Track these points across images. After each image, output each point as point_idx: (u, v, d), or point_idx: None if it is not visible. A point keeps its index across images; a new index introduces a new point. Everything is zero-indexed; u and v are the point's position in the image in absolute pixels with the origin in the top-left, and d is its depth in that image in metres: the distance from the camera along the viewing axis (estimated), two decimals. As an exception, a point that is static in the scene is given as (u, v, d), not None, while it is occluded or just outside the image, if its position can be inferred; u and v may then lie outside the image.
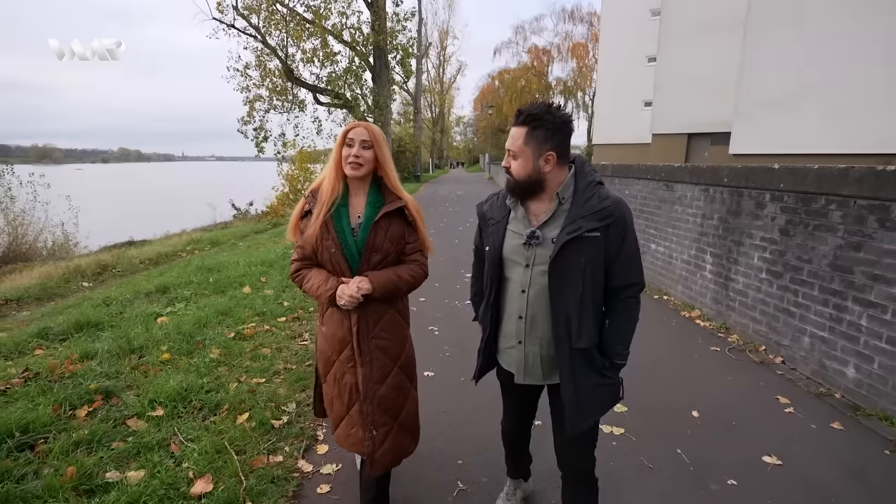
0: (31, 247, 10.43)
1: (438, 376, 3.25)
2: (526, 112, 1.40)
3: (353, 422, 1.72)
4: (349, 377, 1.70)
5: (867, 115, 8.79)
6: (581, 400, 1.45)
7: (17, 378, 2.98)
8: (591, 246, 1.38)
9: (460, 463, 2.31)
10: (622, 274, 1.45)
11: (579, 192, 1.42)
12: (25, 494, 1.92)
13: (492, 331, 1.61)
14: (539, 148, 1.39)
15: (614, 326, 1.49)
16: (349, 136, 1.64)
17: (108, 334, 3.72)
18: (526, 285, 1.48)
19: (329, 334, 1.73)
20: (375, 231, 1.65)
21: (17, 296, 5.58)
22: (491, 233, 1.55)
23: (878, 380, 2.76)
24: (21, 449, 2.24)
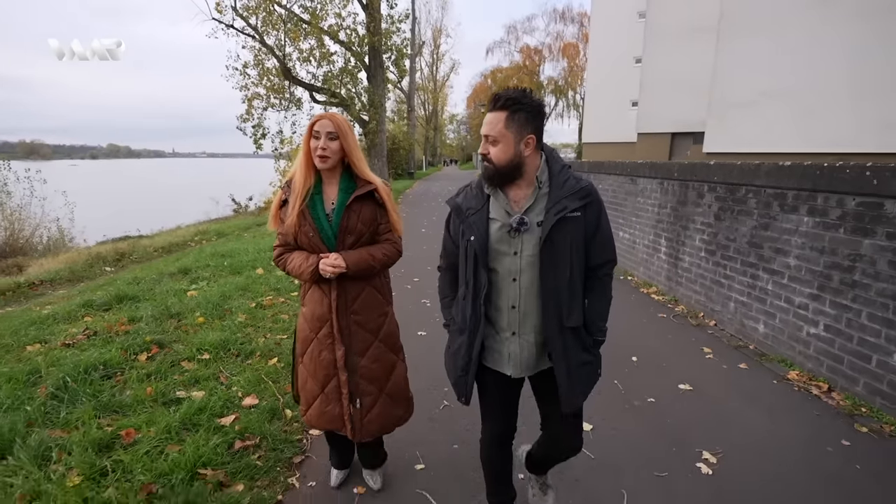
0: (28, 242, 10.59)
1: (429, 335, 3.92)
2: (505, 96, 1.39)
3: (329, 399, 1.79)
4: (326, 354, 1.77)
5: (831, 117, 9.49)
6: (573, 377, 1.49)
7: (80, 335, 3.62)
8: (573, 226, 1.42)
9: (447, 390, 2.98)
10: (599, 252, 1.50)
11: (555, 176, 1.45)
12: (120, 404, 2.57)
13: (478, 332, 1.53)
14: (520, 132, 1.39)
15: (594, 303, 1.54)
16: (315, 129, 1.69)
17: (146, 304, 4.35)
18: (517, 273, 1.47)
19: (309, 313, 1.80)
20: (348, 215, 1.73)
21: (49, 277, 6.18)
22: (473, 223, 1.48)
23: (779, 331, 3.48)
24: (103, 379, 2.89)
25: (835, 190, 2.99)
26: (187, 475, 2.01)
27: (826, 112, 9.34)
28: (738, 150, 11.07)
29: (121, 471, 2.03)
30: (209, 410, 2.54)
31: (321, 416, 1.81)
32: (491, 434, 1.70)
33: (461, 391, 1.60)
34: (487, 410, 1.70)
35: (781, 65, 10.11)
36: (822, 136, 9.43)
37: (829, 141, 9.26)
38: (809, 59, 9.54)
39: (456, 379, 1.61)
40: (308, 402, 1.84)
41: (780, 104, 10.20)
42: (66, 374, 2.80)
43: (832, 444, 2.45)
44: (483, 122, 1.45)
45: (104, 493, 1.88)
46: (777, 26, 10.24)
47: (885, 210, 2.69)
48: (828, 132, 9.33)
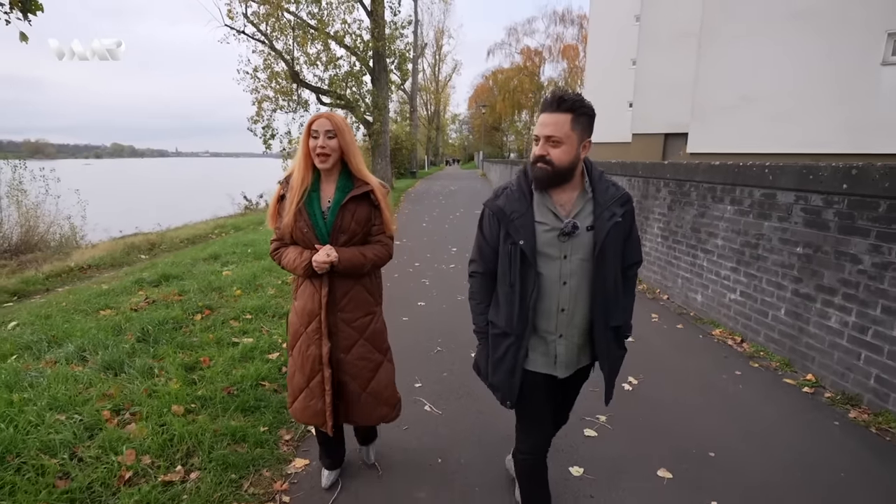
0: (42, 238, 10.91)
1: (428, 304, 4.73)
2: (571, 98, 1.38)
3: (313, 394, 1.83)
4: (314, 349, 1.80)
5: (805, 120, 10.19)
6: (612, 373, 1.61)
7: (142, 303, 4.44)
8: (618, 230, 1.48)
9: (440, 340, 3.79)
10: (631, 253, 1.58)
11: (595, 181, 1.49)
12: (192, 345, 3.39)
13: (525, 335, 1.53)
14: (582, 135, 1.41)
15: (626, 302, 1.61)
16: (313, 128, 1.72)
17: (190, 281, 5.17)
18: (567, 277, 1.48)
19: (300, 307, 1.83)
20: (343, 214, 1.76)
21: (95, 263, 7.02)
22: (520, 226, 1.46)
23: (710, 299, 4.28)
24: (174, 329, 3.70)
25: (746, 184, 3.79)
26: (253, 384, 2.83)
27: (800, 116, 10.08)
28: (719, 150, 11.83)
29: (205, 381, 2.85)
30: (259, 349, 3.36)
31: (304, 409, 1.85)
32: (534, 445, 1.67)
33: (506, 394, 1.59)
34: (531, 417, 1.65)
35: (759, 71, 10.86)
36: (796, 138, 10.18)
37: (803, 142, 10.00)
38: (785, 67, 10.29)
39: (500, 383, 1.59)
40: (294, 394, 1.88)
41: (757, 108, 10.94)
42: (145, 325, 3.63)
43: (728, 373, 3.25)
44: (539, 122, 1.43)
45: (197, 392, 2.70)
46: (754, 35, 10.97)
47: (777, 199, 3.48)
48: (802, 134, 10.07)
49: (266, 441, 2.36)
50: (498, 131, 50.34)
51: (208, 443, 2.25)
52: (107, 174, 66.52)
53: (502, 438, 2.41)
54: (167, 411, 2.47)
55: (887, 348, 2.65)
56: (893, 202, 2.62)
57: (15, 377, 2.81)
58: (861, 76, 9.54)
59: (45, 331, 3.69)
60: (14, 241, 10.39)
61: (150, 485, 1.98)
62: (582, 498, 2.05)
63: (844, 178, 2.91)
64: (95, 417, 2.40)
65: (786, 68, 10.63)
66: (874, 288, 2.73)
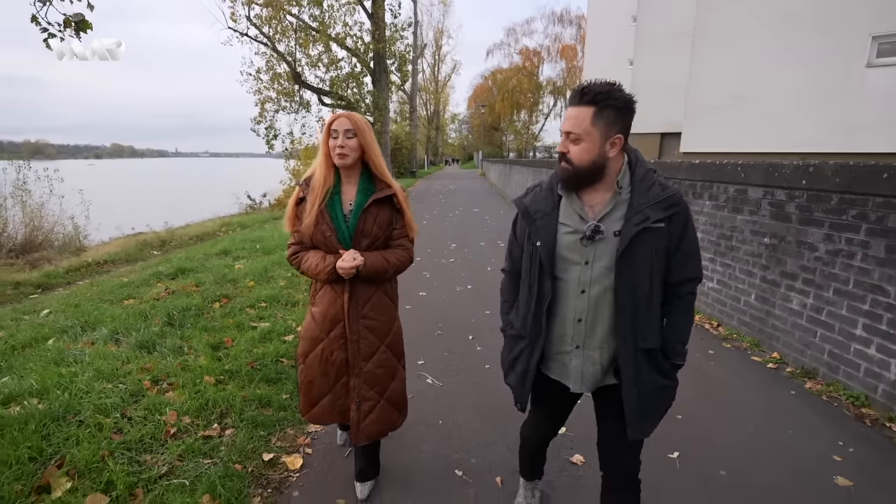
0: (46, 238, 11.01)
1: (429, 294, 5.06)
2: (594, 90, 1.27)
3: (339, 395, 1.83)
4: (339, 354, 1.78)
5: (794, 120, 10.49)
6: (645, 404, 1.38)
7: (163, 293, 4.77)
8: (656, 238, 1.30)
9: (440, 325, 4.12)
10: (683, 267, 1.36)
11: (638, 180, 1.33)
12: (214, 328, 3.72)
13: (539, 340, 1.46)
14: (607, 130, 1.28)
15: (675, 324, 1.41)
16: (333, 128, 1.70)
17: (205, 274, 5.50)
18: (586, 285, 1.37)
19: (320, 314, 1.80)
20: (365, 217, 1.73)
21: (110, 258, 7.35)
22: (540, 227, 1.39)
23: (691, 288, 4.61)
24: (196, 315, 4.03)
25: (721, 181, 4.11)
26: (273, 360, 3.16)
27: (790, 116, 10.40)
28: (711, 149, 12.15)
29: (230, 358, 3.18)
30: (276, 332, 3.69)
31: (331, 411, 1.84)
32: (537, 431, 1.72)
33: (518, 397, 1.56)
34: (535, 417, 1.69)
35: (750, 72, 11.17)
36: (787, 137, 10.50)
37: (794, 142, 10.32)
38: (775, 68, 10.61)
39: (513, 385, 1.57)
40: (312, 400, 1.84)
41: (749, 108, 11.25)
42: (170, 311, 3.96)
43: (702, 353, 3.58)
44: (564, 116, 1.33)
45: (224, 367, 3.03)
46: (746, 37, 11.28)
47: (748, 194, 3.81)
48: (792, 134, 10.39)
49: (288, 406, 2.69)
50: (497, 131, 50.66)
51: (238, 406, 2.59)
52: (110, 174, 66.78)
53: (495, 406, 2.74)
54: (200, 381, 2.80)
55: (838, 326, 2.98)
56: (843, 196, 2.95)
57: (59, 355, 3.14)
58: (847, 77, 9.85)
59: (77, 317, 4.01)
60: (19, 240, 10.53)
61: (192, 438, 2.31)
62: (563, 450, 2.37)
63: (803, 175, 3.24)
64: (138, 386, 2.73)
65: (776, 69, 10.92)
66: (827, 272, 3.06)
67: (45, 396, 2.55)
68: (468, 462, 2.28)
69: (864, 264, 2.81)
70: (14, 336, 3.61)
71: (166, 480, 2.03)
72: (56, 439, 2.20)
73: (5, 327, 3.93)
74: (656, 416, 1.43)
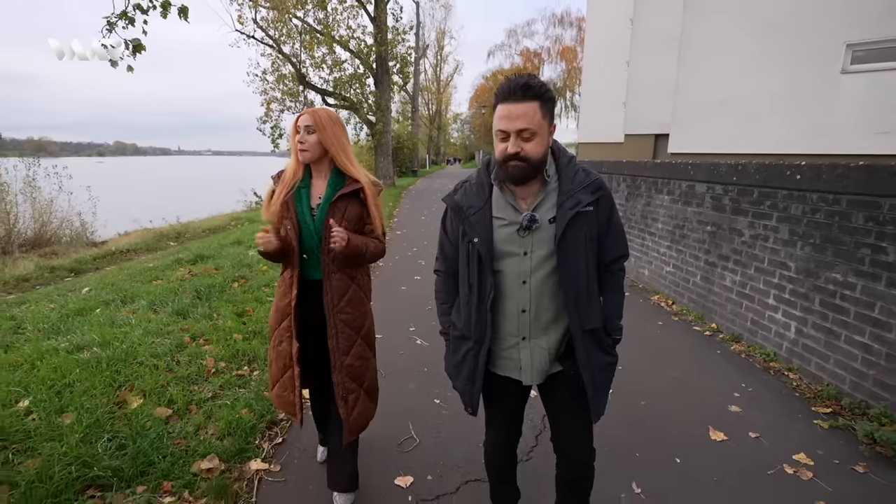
0: (55, 234, 11.35)
1: (422, 279, 5.68)
2: (536, 84, 1.25)
3: (284, 386, 1.87)
4: (285, 345, 1.83)
5: (774, 123, 11.09)
6: (597, 382, 1.42)
7: (186, 275, 5.40)
8: (587, 221, 1.34)
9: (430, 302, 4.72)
10: (613, 247, 1.43)
11: (563, 169, 1.37)
12: (235, 300, 4.35)
13: (485, 339, 1.44)
14: (550, 122, 1.30)
15: (610, 300, 1.46)
16: (297, 124, 1.75)
17: (222, 260, 6.12)
18: (527, 275, 1.38)
19: (276, 306, 1.88)
20: (332, 211, 1.74)
21: (130, 248, 7.99)
22: (475, 222, 1.39)
23: (654, 273, 5.22)
24: (219, 291, 4.65)
25: (676, 177, 4.72)
26: (288, 324, 3.78)
27: (770, 119, 10.98)
28: (696, 150, 12.73)
29: (252, 322, 3.80)
30: (289, 305, 4.31)
31: (278, 398, 1.92)
32: (496, 442, 1.66)
33: (468, 401, 1.52)
34: (494, 419, 1.63)
35: (732, 78, 11.75)
36: (766, 139, 11.08)
37: (772, 144, 10.90)
38: (756, 74, 11.19)
39: (461, 389, 1.53)
40: (273, 381, 1.94)
41: (731, 112, 11.83)
42: (196, 288, 4.58)
43: (652, 324, 4.20)
44: (504, 115, 1.28)
45: (248, 328, 3.65)
46: (729, 44, 11.85)
47: (695, 189, 4.42)
48: (771, 136, 10.97)
49: (302, 356, 3.31)
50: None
51: (262, 355, 3.21)
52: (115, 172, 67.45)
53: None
54: (230, 338, 3.43)
55: (757, 297, 3.60)
56: (761, 189, 3.56)
57: (109, 319, 3.78)
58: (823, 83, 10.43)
59: (115, 292, 4.64)
60: (29, 235, 10.83)
61: (228, 375, 2.94)
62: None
63: (734, 173, 3.85)
64: (180, 340, 3.36)
65: (757, 75, 11.48)
66: (750, 253, 3.67)
67: (107, 347, 3.18)
68: (444, 395, 2.90)
69: (774, 245, 3.43)
70: (65, 306, 4.24)
71: (213, 401, 2.65)
72: (123, 374, 2.83)
73: (55, 301, 4.57)
74: (606, 392, 1.46)
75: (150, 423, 2.35)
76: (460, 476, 2.16)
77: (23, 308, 4.38)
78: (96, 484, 1.95)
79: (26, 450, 2.10)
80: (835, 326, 2.93)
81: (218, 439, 2.31)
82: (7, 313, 4.17)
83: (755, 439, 2.48)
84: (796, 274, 3.23)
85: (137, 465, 2.05)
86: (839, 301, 2.90)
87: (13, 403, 2.43)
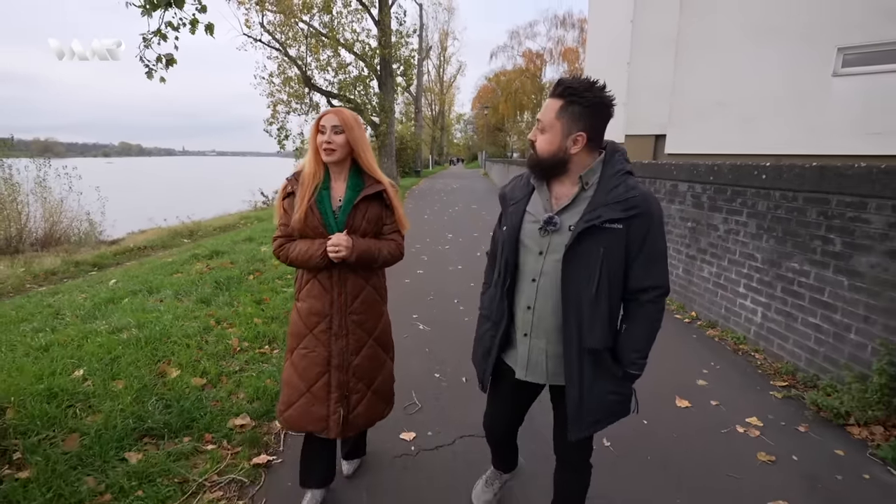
0: (64, 233, 11.55)
1: (425, 272, 6.05)
2: (566, 84, 1.28)
3: (315, 399, 1.76)
4: (321, 350, 1.76)
5: (769, 124, 11.40)
6: (586, 405, 1.38)
7: (204, 268, 5.78)
8: (611, 238, 1.29)
9: (432, 293, 5.10)
10: (643, 273, 1.34)
11: (605, 179, 1.33)
12: (253, 290, 4.72)
13: (502, 322, 1.49)
14: (570, 126, 1.29)
15: (630, 331, 1.39)
16: (321, 124, 1.72)
17: (237, 255, 6.50)
18: (537, 274, 1.40)
19: (305, 309, 1.78)
20: (354, 213, 1.74)
21: (147, 244, 8.39)
22: (511, 213, 1.44)
23: (641, 267, 5.56)
24: (237, 283, 5.03)
25: (662, 177, 5.07)
26: (302, 310, 4.15)
27: (765, 120, 11.28)
28: (693, 151, 13.04)
29: (270, 309, 4.17)
30: (302, 294, 4.69)
31: (303, 415, 1.76)
32: (492, 415, 1.71)
33: (480, 376, 1.59)
34: (493, 403, 1.69)
35: (729, 80, 12.06)
36: (761, 140, 11.40)
37: (767, 144, 11.21)
38: (751, 76, 11.49)
39: (477, 363, 1.61)
40: (289, 401, 1.79)
41: (728, 113, 12.14)
42: (216, 279, 4.96)
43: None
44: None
45: (267, 314, 4.02)
46: (725, 46, 12.16)
47: (678, 188, 4.77)
48: (766, 137, 11.28)
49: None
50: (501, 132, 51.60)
51: (281, 336, 3.58)
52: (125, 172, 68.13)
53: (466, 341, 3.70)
54: (251, 322, 3.80)
55: (730, 287, 3.94)
56: (734, 188, 3.90)
57: (141, 305, 4.16)
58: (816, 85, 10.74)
59: (140, 283, 5.03)
60: (40, 234, 11.04)
61: (252, 352, 3.31)
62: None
63: (711, 173, 4.20)
64: (206, 323, 3.73)
65: (752, 77, 11.78)
66: (724, 246, 4.02)
67: (143, 328, 3.55)
68: (444, 370, 3.26)
69: (744, 239, 3.77)
70: (97, 296, 4.63)
71: (240, 373, 3.03)
72: (161, 351, 3.20)
73: (85, 291, 4.97)
74: (599, 422, 1.41)
75: (188, 389, 2.72)
76: (456, 432, 2.52)
77: (57, 297, 4.78)
78: (150, 434, 2.33)
79: (88, 408, 2.48)
80: (793, 310, 3.27)
81: (248, 402, 2.68)
82: (44, 302, 4.57)
83: (715, 406, 2.83)
84: (762, 264, 3.57)
85: (182, 420, 2.42)
86: (796, 287, 3.24)
87: (70, 372, 2.81)
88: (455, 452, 2.37)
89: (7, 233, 9.78)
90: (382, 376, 1.91)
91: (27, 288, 5.78)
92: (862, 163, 2.82)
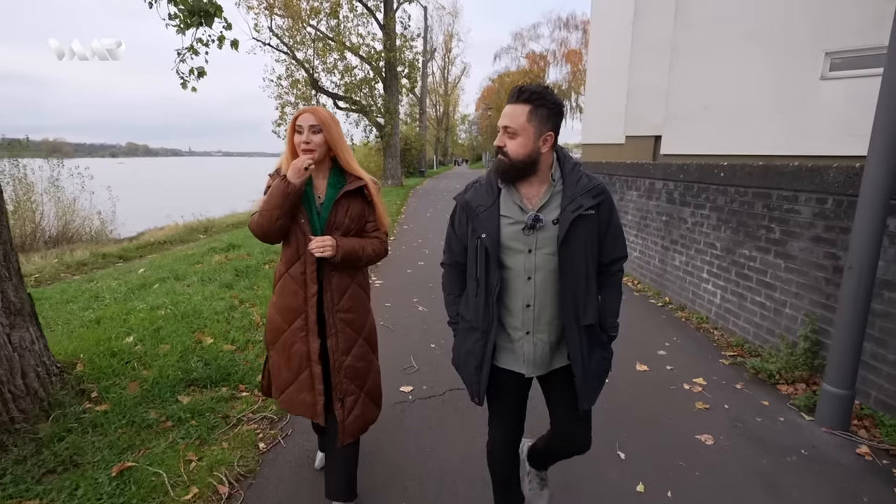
0: (76, 232, 11.81)
1: (426, 264, 6.55)
2: (530, 90, 1.38)
3: (302, 387, 1.80)
4: (300, 346, 1.76)
5: (758, 127, 11.81)
6: (589, 376, 1.50)
7: (223, 259, 6.31)
8: (588, 223, 1.43)
9: (432, 280, 5.59)
10: (612, 248, 1.51)
11: (567, 174, 1.46)
12: (270, 277, 5.23)
13: (492, 331, 1.51)
14: (540, 127, 1.39)
15: (608, 300, 1.54)
16: (298, 123, 1.70)
17: (252, 248, 7.03)
18: (531, 272, 1.46)
19: (282, 304, 1.79)
20: (336, 210, 1.74)
21: (167, 239, 8.95)
22: (484, 220, 1.47)
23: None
24: (255, 271, 5.55)
25: (641, 176, 5.54)
26: (315, 294, 4.67)
27: (754, 123, 11.70)
28: (687, 152, 13.46)
29: (285, 293, 4.68)
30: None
31: (293, 402, 1.82)
32: (501, 439, 1.68)
33: (474, 391, 1.59)
34: (499, 413, 1.66)
35: (719, 84, 12.48)
36: (750, 141, 11.81)
37: (756, 146, 11.62)
38: (741, 80, 11.91)
39: (468, 378, 1.60)
40: (281, 387, 1.84)
41: (719, 116, 12.57)
42: (235, 267, 5.48)
43: (616, 298, 5.02)
44: (502, 113, 1.42)
45: (283, 297, 4.53)
46: (716, 52, 12.59)
47: (655, 186, 5.24)
48: (755, 139, 11.70)
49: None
50: (504, 132, 51.94)
51: (297, 314, 4.08)
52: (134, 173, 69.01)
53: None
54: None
55: (695, 273, 4.41)
56: (699, 184, 4.38)
57: (172, 288, 4.68)
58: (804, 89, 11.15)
59: (167, 272, 5.56)
60: (53, 233, 11.33)
61: (273, 326, 3.82)
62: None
63: (681, 171, 4.67)
64: (231, 303, 4.25)
65: (741, 81, 12.20)
66: (691, 237, 4.49)
67: (177, 306, 4.07)
68: (438, 341, 3.76)
69: (707, 230, 4.24)
70: (129, 283, 5.16)
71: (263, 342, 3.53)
72: (195, 324, 3.72)
73: (118, 278, 5.50)
74: (599, 387, 1.55)
75: (221, 353, 3.24)
76: (446, 386, 3.01)
77: (92, 284, 5.31)
78: (195, 384, 2.84)
79: (142, 364, 2.99)
80: (744, 291, 3.74)
81: (272, 363, 3.19)
82: (83, 287, 5.10)
83: (669, 370, 3.31)
84: (721, 252, 4.05)
85: (220, 374, 2.93)
86: (746, 271, 3.71)
87: (123, 338, 3.33)
88: (444, 401, 2.86)
89: (22, 230, 10.14)
90: (372, 377, 1.91)
91: (62, 277, 6.33)
92: (835, 164, 3.25)
